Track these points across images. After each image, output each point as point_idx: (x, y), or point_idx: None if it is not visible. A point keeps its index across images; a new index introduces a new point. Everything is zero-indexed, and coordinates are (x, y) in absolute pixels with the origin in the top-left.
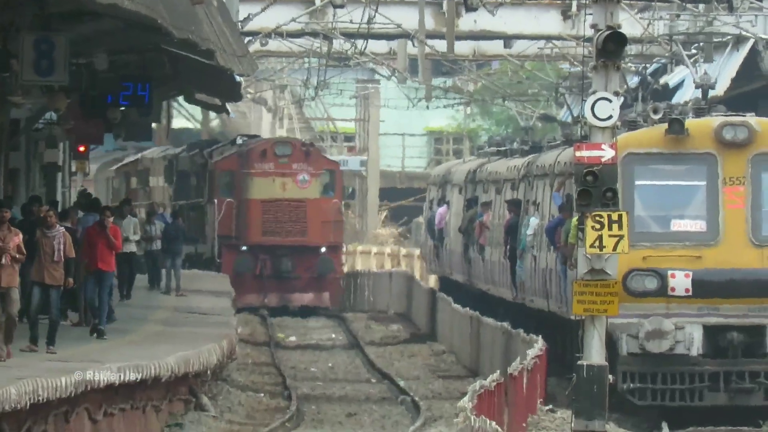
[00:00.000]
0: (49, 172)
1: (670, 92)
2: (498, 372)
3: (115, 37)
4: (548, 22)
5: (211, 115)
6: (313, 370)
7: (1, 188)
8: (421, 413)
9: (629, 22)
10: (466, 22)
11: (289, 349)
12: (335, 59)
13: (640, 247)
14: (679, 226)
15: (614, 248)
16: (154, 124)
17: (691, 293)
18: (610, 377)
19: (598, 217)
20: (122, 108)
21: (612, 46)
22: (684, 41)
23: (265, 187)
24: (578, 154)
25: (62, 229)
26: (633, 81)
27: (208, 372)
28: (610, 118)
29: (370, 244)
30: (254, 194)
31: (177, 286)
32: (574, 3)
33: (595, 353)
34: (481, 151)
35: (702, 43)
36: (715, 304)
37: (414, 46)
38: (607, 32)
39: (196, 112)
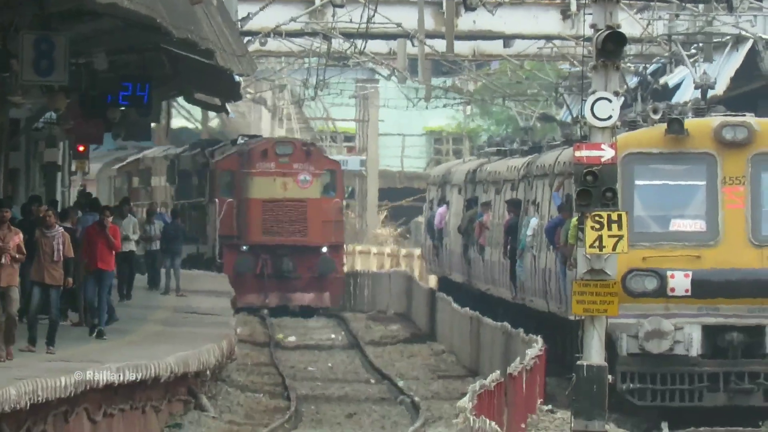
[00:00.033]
0: (48, 172)
1: (669, 92)
2: (498, 372)
3: (115, 36)
4: (548, 21)
5: (211, 114)
6: (313, 370)
7: (1, 188)
8: (420, 413)
9: (629, 22)
10: (466, 22)
11: (288, 349)
12: (335, 59)
13: (639, 247)
14: (678, 226)
15: (614, 248)
16: (153, 124)
17: (690, 293)
18: (610, 377)
19: (597, 217)
20: (122, 108)
21: (611, 46)
22: (683, 41)
23: (266, 186)
24: (578, 154)
25: (61, 229)
26: (633, 81)
27: (208, 372)
28: (609, 118)
29: (370, 244)
30: (255, 194)
31: (177, 287)
32: (574, 3)
33: (594, 353)
34: (481, 151)
35: (701, 43)
36: (715, 305)
37: (413, 45)
38: (607, 32)
39: (196, 111)
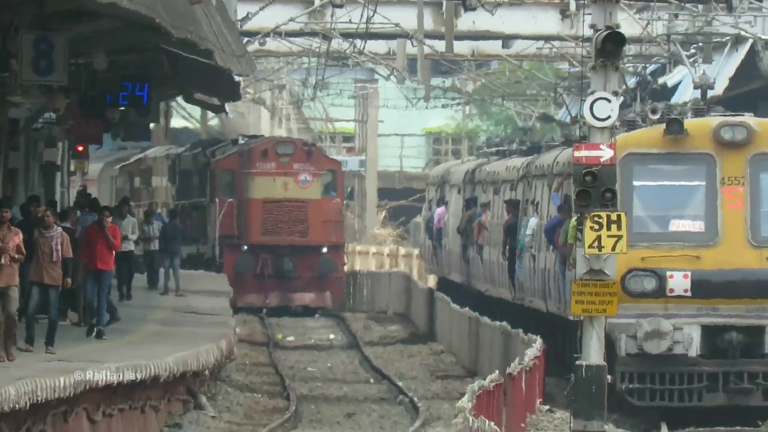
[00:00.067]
0: (48, 172)
1: (668, 92)
2: (497, 372)
3: (114, 36)
4: (547, 22)
5: (210, 115)
6: (312, 370)
7: (0, 188)
8: (420, 413)
9: (628, 22)
10: (465, 22)
11: (287, 349)
12: (334, 59)
13: (638, 248)
14: (677, 226)
15: (613, 248)
16: (152, 124)
17: (689, 293)
18: (609, 377)
19: (596, 218)
20: (121, 108)
21: (611, 46)
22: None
23: (267, 186)
24: (577, 154)
25: (60, 229)
26: (632, 81)
27: (207, 372)
28: (608, 118)
29: (369, 244)
30: (255, 194)
31: (176, 286)
32: (573, 3)
33: (593, 353)
34: (480, 152)
35: (701, 43)
36: (714, 305)
37: (413, 45)
38: (606, 32)
39: (195, 111)
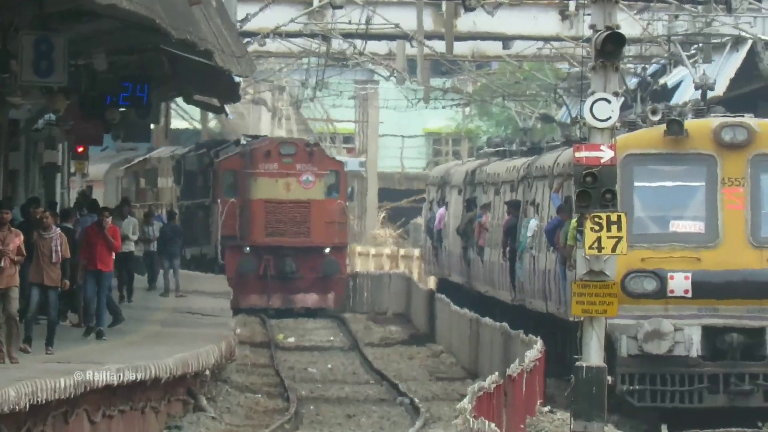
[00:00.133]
0: (48, 173)
1: (669, 93)
2: (497, 373)
3: (114, 37)
4: (547, 22)
5: (210, 115)
6: (313, 371)
7: (1, 189)
8: (420, 415)
9: (628, 23)
10: (465, 23)
11: (288, 350)
12: (334, 60)
13: (638, 249)
14: (678, 227)
15: (613, 249)
16: (152, 125)
17: (690, 294)
18: (609, 378)
19: (597, 219)
20: (121, 109)
21: (611, 47)
22: (683, 42)
23: (269, 187)
24: (577, 155)
25: (58, 230)
26: (632, 82)
27: (207, 373)
28: (609, 119)
29: (369, 245)
30: (258, 194)
31: (176, 287)
32: (573, 3)
33: (593, 354)
34: (480, 152)
35: (701, 44)
36: (715, 306)
37: (412, 46)
38: (606, 33)
39: (195, 112)
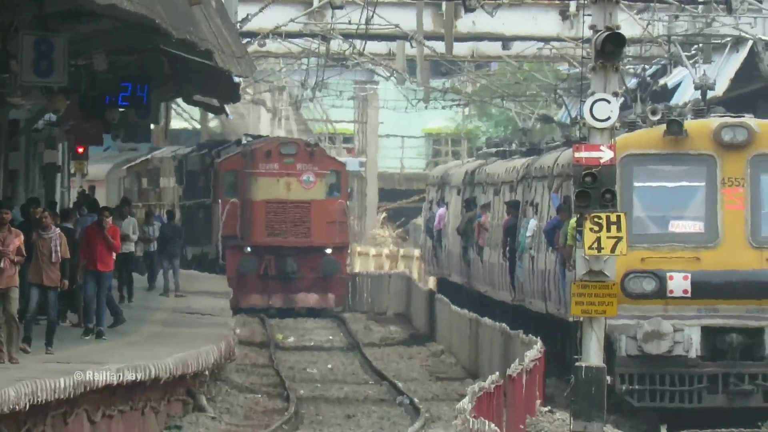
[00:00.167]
0: (48, 173)
1: (669, 93)
2: (497, 373)
3: (114, 37)
4: (547, 23)
5: (210, 116)
6: (313, 371)
7: (1, 189)
8: (420, 415)
9: (628, 23)
10: (465, 23)
11: (287, 350)
12: (333, 60)
13: (638, 249)
14: (677, 227)
15: (612, 250)
16: (152, 125)
17: (689, 295)
18: (609, 379)
19: (596, 219)
20: (121, 109)
21: (611, 47)
22: (683, 42)
23: (270, 187)
24: (577, 155)
25: (57, 230)
26: (632, 82)
27: (207, 373)
28: (608, 119)
29: (369, 245)
30: (259, 195)
31: (176, 287)
32: (573, 4)
33: (593, 355)
34: (480, 153)
35: (701, 44)
36: (714, 306)
37: (412, 47)
38: (606, 33)
39: (195, 112)
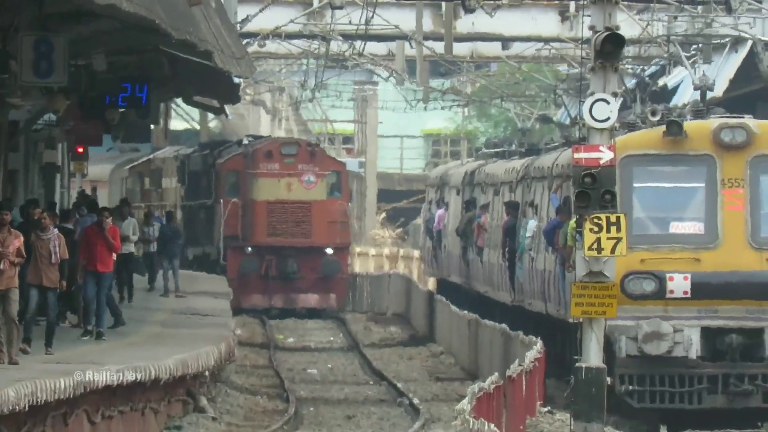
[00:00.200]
0: (47, 173)
1: (668, 94)
2: (497, 374)
3: (114, 37)
4: (546, 23)
5: (209, 116)
6: (312, 372)
7: (0, 189)
8: (419, 415)
9: (628, 24)
10: (464, 24)
11: (287, 350)
12: (333, 61)
13: (638, 250)
14: (677, 228)
15: (612, 251)
16: (152, 126)
17: (689, 295)
18: (609, 379)
19: (596, 220)
20: (121, 109)
21: (610, 48)
22: (682, 42)
23: (271, 187)
24: (576, 155)
25: (56, 230)
26: (631, 82)
27: (207, 374)
28: (608, 119)
29: (368, 245)
30: (260, 195)
31: (176, 288)
32: (572, 4)
33: (593, 355)
34: (479, 153)
35: (700, 45)
36: (714, 307)
37: (412, 47)
38: (605, 33)
39: (195, 113)
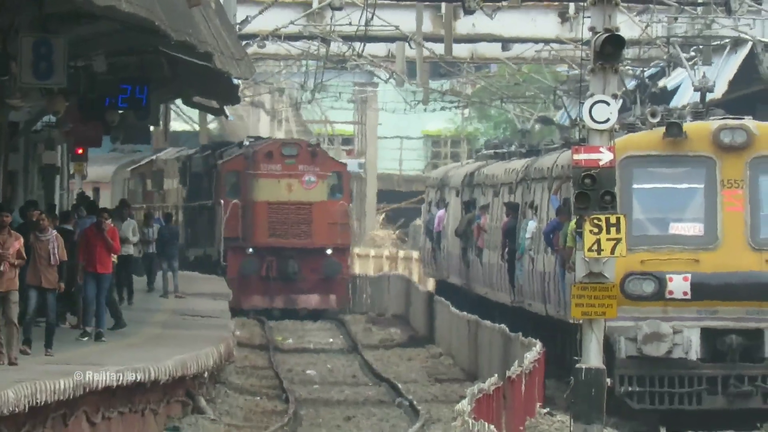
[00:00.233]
0: (47, 175)
1: (668, 95)
2: (496, 375)
3: (113, 39)
4: (546, 25)
5: (209, 117)
6: (311, 373)
7: (0, 190)
8: (419, 416)
9: (627, 25)
10: (464, 25)
11: (287, 352)
12: (333, 62)
13: (638, 251)
14: (677, 229)
15: (612, 252)
16: (152, 127)
17: (689, 296)
18: (608, 380)
19: (596, 221)
20: (120, 111)
21: (610, 49)
22: (682, 44)
23: (272, 188)
24: (576, 157)
25: (55, 232)
26: (631, 84)
27: (206, 375)
28: (607, 121)
29: (368, 246)
30: (260, 196)
31: (175, 288)
32: (572, 6)
33: (593, 356)
34: (479, 154)
35: (700, 46)
36: (714, 308)
37: (412, 48)
38: (605, 35)
39: (194, 114)
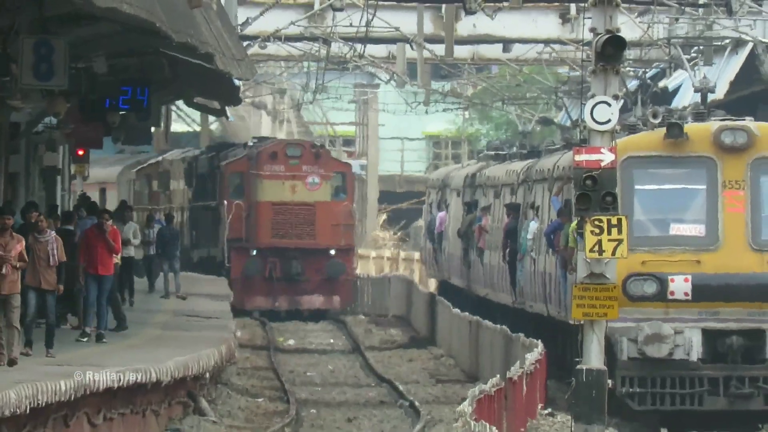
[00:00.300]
0: (48, 176)
1: (669, 96)
2: (497, 376)
3: (114, 40)
4: (547, 25)
5: (210, 118)
6: (312, 374)
7: (1, 192)
8: (420, 418)
9: (628, 26)
10: (465, 26)
11: (288, 353)
12: (334, 63)
13: (639, 252)
14: (678, 230)
15: (613, 253)
16: (153, 128)
17: (690, 297)
18: (610, 382)
19: (597, 222)
20: (121, 112)
21: (611, 50)
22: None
23: (275, 189)
24: (577, 158)
25: (53, 233)
26: (632, 85)
27: (207, 376)
28: (609, 122)
29: (369, 247)
30: (264, 197)
31: (177, 289)
32: (573, 6)
33: (594, 357)
34: (480, 155)
35: (701, 47)
36: (715, 309)
37: (413, 49)
38: (606, 36)
39: (196, 115)
